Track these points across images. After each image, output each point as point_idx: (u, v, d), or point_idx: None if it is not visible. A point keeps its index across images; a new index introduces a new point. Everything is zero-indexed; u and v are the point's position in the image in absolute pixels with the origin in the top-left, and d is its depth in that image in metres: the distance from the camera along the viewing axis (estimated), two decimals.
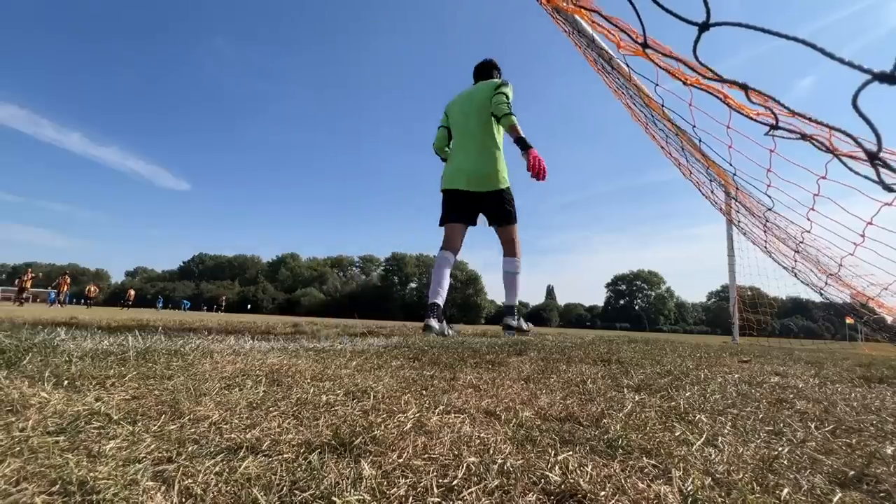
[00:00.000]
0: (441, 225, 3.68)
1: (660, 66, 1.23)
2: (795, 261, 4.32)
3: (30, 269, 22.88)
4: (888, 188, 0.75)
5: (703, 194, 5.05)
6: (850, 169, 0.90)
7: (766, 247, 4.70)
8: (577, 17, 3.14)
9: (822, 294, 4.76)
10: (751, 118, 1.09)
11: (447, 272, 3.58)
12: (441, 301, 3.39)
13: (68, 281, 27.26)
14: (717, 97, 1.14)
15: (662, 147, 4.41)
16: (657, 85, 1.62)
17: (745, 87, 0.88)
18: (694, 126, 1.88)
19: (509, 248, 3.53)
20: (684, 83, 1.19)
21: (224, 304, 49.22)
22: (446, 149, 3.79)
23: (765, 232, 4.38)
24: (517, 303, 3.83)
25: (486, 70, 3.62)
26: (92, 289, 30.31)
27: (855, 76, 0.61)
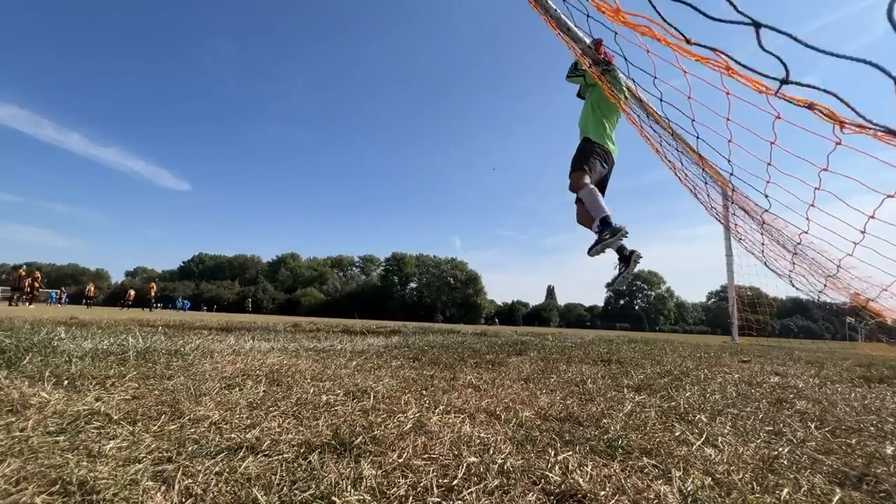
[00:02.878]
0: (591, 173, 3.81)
1: (662, 29, 1.17)
2: (794, 263, 4.30)
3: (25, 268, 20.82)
4: None
5: (700, 201, 5.01)
6: (867, 120, 0.85)
7: (762, 251, 4.66)
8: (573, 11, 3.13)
9: (819, 298, 4.72)
10: (758, 73, 1.01)
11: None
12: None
13: (154, 291, 26.83)
14: (720, 53, 1.07)
15: (657, 150, 4.39)
16: (655, 77, 1.61)
17: (757, 25, 0.79)
18: (693, 120, 1.88)
19: None
20: (688, 41, 1.11)
21: (251, 306, 46.59)
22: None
23: (762, 234, 4.36)
24: (600, 218, 3.71)
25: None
26: (91, 288, 30.14)
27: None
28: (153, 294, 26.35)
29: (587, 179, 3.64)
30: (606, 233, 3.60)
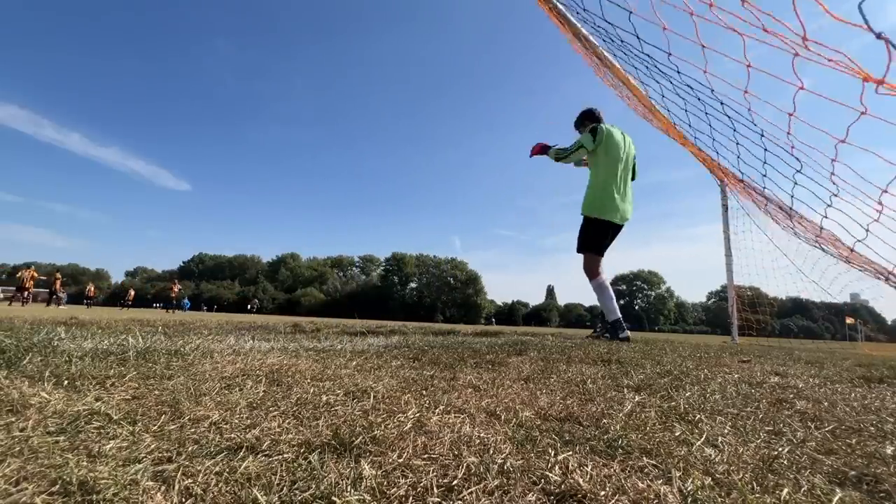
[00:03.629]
0: (599, 254, 3.85)
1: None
2: (820, 234, 4.11)
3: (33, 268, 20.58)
4: None
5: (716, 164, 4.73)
6: None
7: (794, 228, 4.43)
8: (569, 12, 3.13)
9: (847, 261, 4.47)
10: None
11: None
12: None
13: (176, 290, 26.18)
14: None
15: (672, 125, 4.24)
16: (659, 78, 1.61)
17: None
18: (687, 110, 1.87)
19: None
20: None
21: (255, 306, 46.75)
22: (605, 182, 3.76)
23: (790, 217, 4.18)
24: (611, 320, 3.83)
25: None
26: (91, 288, 30.04)
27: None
28: (175, 293, 25.94)
29: (600, 268, 3.74)
30: (608, 334, 3.68)
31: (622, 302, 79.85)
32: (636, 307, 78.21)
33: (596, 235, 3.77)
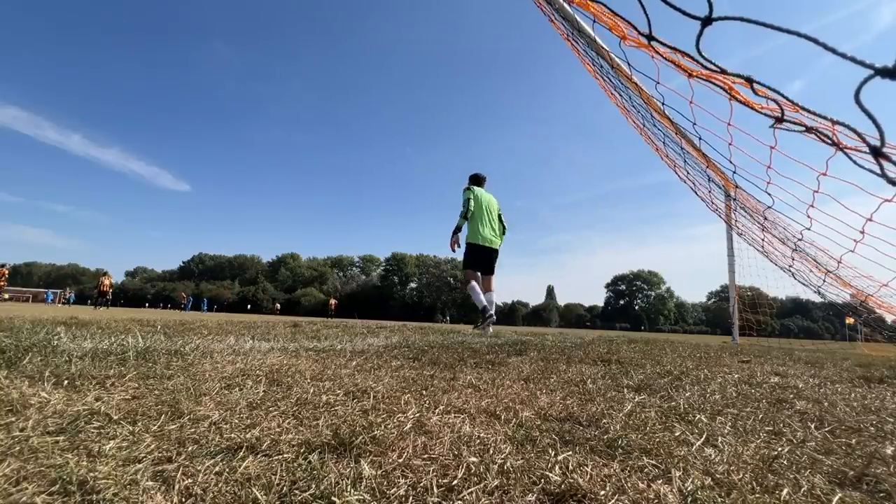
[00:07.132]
0: (473, 269, 5.42)
1: (665, 59, 1.23)
2: (793, 259, 4.33)
3: None
4: (892, 182, 0.75)
5: (700, 197, 5.05)
6: (855, 162, 0.89)
7: (763, 246, 4.71)
8: (577, 13, 3.15)
9: (819, 293, 4.76)
10: (756, 110, 1.09)
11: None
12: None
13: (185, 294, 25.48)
14: (722, 88, 1.13)
15: (658, 149, 4.41)
16: (657, 83, 1.62)
17: (750, 80, 0.87)
18: (694, 124, 1.88)
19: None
20: (690, 75, 1.18)
21: (279, 308, 44.04)
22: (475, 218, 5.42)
23: (762, 230, 4.38)
24: (480, 308, 5.27)
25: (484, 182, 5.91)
26: (106, 283, 29.75)
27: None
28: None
29: (473, 281, 5.25)
30: (480, 321, 5.14)
31: (622, 302, 79.87)
32: (636, 307, 78.15)
33: (470, 256, 5.28)
